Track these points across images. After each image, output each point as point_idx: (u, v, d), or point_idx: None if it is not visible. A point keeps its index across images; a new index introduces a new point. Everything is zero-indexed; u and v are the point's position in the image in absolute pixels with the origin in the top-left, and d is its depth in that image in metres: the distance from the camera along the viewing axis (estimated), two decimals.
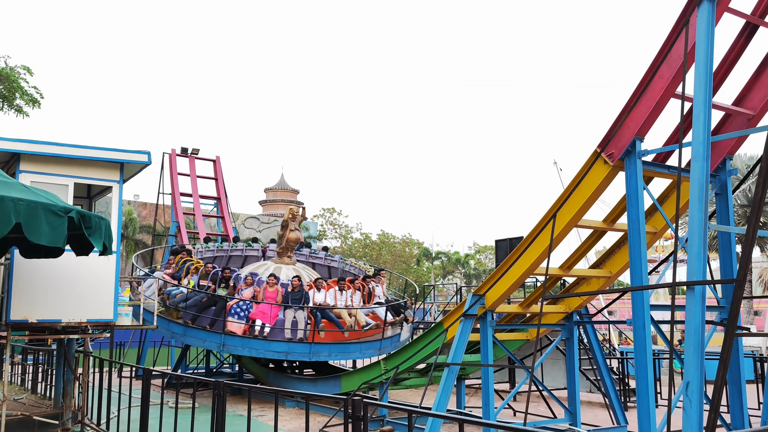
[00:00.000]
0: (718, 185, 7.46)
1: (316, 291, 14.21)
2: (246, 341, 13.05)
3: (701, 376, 5.46)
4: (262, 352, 13.10)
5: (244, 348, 13.12)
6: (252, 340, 13.03)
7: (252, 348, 13.09)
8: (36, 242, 6.35)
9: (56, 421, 9.92)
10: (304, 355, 13.12)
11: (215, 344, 13.16)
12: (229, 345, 13.09)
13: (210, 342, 13.20)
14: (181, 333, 13.43)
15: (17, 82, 18.27)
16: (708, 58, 5.99)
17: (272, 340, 13.05)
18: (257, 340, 13.05)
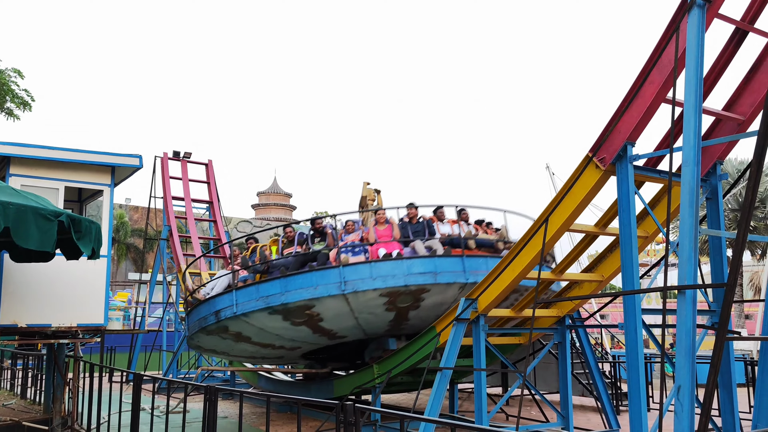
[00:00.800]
0: (709, 190, 7.50)
1: (440, 223, 11.08)
2: (376, 267, 9.84)
3: (692, 380, 5.47)
4: (404, 277, 9.77)
5: (375, 278, 9.77)
6: (383, 263, 9.88)
7: (388, 274, 9.75)
8: (24, 247, 6.30)
9: (46, 427, 9.83)
10: (458, 274, 9.96)
11: (334, 284, 9.83)
12: (353, 279, 9.77)
13: (325, 283, 9.87)
14: (279, 290, 10.14)
15: (8, 84, 18.16)
16: (698, 63, 6.03)
17: (411, 258, 9.98)
18: (392, 262, 9.87)
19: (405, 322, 10.82)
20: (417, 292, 9.94)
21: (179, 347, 18.12)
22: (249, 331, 11.08)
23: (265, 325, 10.71)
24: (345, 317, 10.36)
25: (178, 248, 19.18)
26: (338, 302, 9.94)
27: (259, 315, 10.40)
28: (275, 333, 11.02)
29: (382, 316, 10.51)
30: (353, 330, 11.00)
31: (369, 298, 9.91)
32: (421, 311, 10.39)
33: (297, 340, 11.44)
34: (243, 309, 10.48)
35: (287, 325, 10.60)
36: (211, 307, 11.29)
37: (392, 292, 9.83)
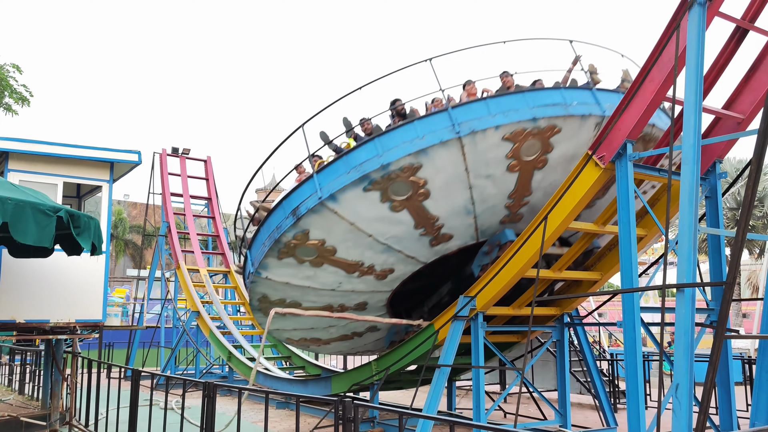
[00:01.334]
0: (708, 188, 7.51)
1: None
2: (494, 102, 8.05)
3: (691, 378, 5.48)
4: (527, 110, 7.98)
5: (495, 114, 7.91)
6: (502, 97, 8.18)
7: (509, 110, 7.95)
8: (22, 242, 6.29)
9: (44, 422, 9.83)
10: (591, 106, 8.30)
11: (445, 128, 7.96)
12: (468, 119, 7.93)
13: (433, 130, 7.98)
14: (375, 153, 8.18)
15: (6, 80, 18.12)
16: (699, 61, 6.02)
17: (536, 89, 8.36)
18: (511, 95, 8.18)
19: (527, 193, 8.67)
20: (546, 134, 7.99)
21: (177, 343, 18.11)
22: (336, 234, 8.70)
23: (357, 214, 8.44)
24: (457, 188, 8.27)
25: (176, 244, 19.17)
26: (451, 155, 7.91)
27: (352, 195, 8.16)
28: (368, 232, 8.67)
29: (501, 184, 8.38)
30: (464, 219, 8.78)
31: (489, 145, 7.94)
32: (548, 173, 8.32)
33: (392, 250, 9.05)
34: (330, 189, 8.23)
35: (385, 210, 8.39)
36: (285, 208, 8.90)
37: (517, 133, 7.87)
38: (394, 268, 9.52)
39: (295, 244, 8.90)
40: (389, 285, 9.99)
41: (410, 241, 8.99)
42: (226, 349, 15.89)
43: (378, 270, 9.44)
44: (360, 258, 9.14)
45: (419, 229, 8.80)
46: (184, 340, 18.01)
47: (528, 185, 8.57)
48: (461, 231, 9.05)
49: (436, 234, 8.96)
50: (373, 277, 9.68)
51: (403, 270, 9.62)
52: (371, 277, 9.67)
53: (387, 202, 8.32)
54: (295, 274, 9.51)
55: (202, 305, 17.52)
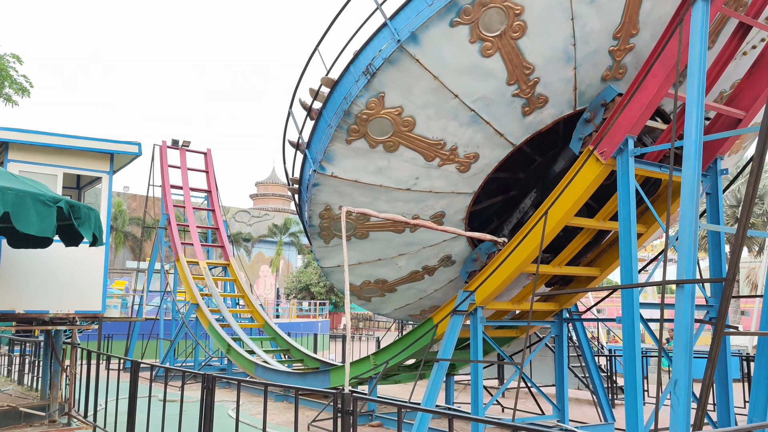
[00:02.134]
0: (709, 185, 7.51)
1: None
2: None
3: (689, 374, 5.49)
4: None
5: None
6: None
7: None
8: (24, 232, 6.28)
9: (43, 413, 9.84)
10: None
11: None
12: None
13: None
14: None
15: (6, 70, 18.08)
16: (702, 57, 6.01)
17: None
18: None
19: (632, 37, 7.43)
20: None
21: (176, 336, 18.13)
22: (416, 95, 7.54)
23: (443, 62, 7.26)
24: (557, 18, 7.10)
25: (176, 237, 19.17)
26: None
27: (436, 32, 6.99)
28: (455, 91, 7.50)
29: (607, 15, 7.19)
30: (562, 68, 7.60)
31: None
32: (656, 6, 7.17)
33: (480, 121, 7.89)
34: (411, 27, 7.02)
35: (475, 55, 7.20)
36: (355, 69, 7.72)
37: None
38: (478, 153, 8.28)
39: (368, 115, 7.63)
40: (471, 184, 8.75)
41: (501, 107, 7.77)
42: (225, 341, 15.91)
43: (461, 155, 8.23)
44: (442, 135, 7.96)
45: (512, 85, 7.56)
46: (183, 332, 18.03)
47: (636, 18, 7.21)
48: (558, 91, 7.81)
49: (530, 94, 7.73)
50: (455, 168, 8.39)
51: (489, 156, 8.38)
52: (453, 168, 8.38)
53: (477, 42, 7.06)
54: (366, 166, 8.19)
55: (202, 298, 17.54)
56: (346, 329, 6.82)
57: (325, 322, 33.93)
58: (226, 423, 9.83)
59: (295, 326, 28.36)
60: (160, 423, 7.10)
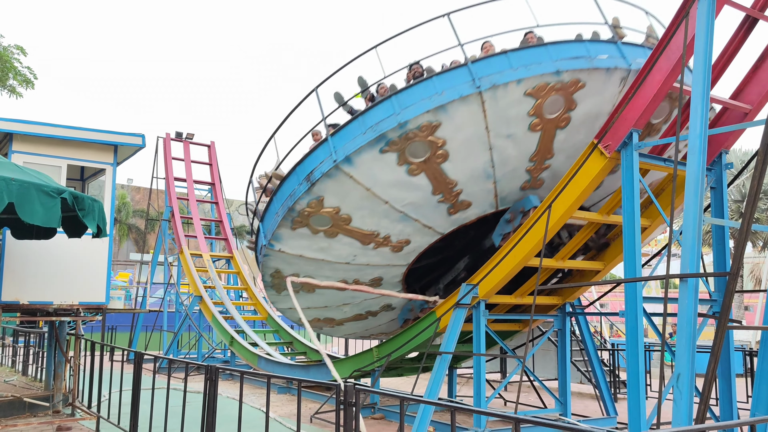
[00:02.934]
0: (714, 179, 7.47)
1: None
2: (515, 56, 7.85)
3: (692, 369, 5.49)
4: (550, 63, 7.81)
5: (516, 67, 7.69)
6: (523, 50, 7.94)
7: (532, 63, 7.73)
8: (29, 222, 6.30)
9: (47, 403, 9.91)
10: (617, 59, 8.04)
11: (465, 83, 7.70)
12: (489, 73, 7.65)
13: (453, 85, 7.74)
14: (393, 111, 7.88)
15: (10, 62, 18.07)
16: (707, 50, 5.98)
17: (558, 42, 8.08)
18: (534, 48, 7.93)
19: (548, 159, 8.45)
20: (570, 89, 7.77)
21: (180, 327, 18.20)
22: (351, 200, 8.48)
23: (374, 179, 8.20)
24: (476, 149, 8.04)
25: (179, 229, 19.21)
26: (471, 111, 7.69)
27: (368, 157, 7.93)
28: (384, 198, 8.44)
29: (523, 145, 8.14)
30: (482, 183, 8.57)
31: (511, 101, 7.72)
32: (569, 136, 8.15)
33: (409, 219, 8.82)
34: (346, 151, 7.97)
35: (402, 174, 8.17)
36: (299, 174, 8.67)
37: (539, 88, 7.68)
38: (410, 239, 9.19)
39: (309, 212, 8.61)
40: (405, 258, 9.68)
41: (427, 209, 8.65)
42: (228, 333, 15.96)
43: (394, 241, 9.14)
44: (375, 228, 8.85)
45: (437, 195, 8.50)
46: (186, 324, 18.09)
47: (550, 146, 8.20)
48: (480, 198, 8.72)
49: (454, 201, 8.65)
50: (388, 249, 9.31)
51: (419, 241, 9.27)
52: (387, 249, 9.30)
53: (404, 165, 8.04)
54: (309, 245, 9.20)
55: (205, 290, 17.59)
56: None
57: None
58: (229, 414, 9.87)
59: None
60: (164, 414, 7.14)
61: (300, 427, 5.31)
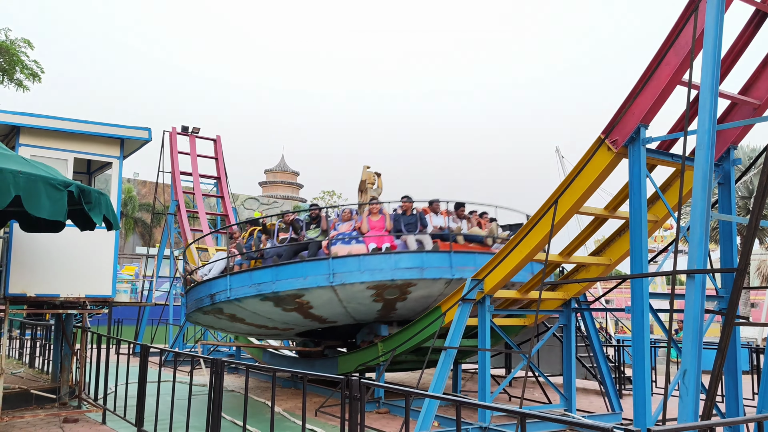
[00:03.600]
0: (721, 175, 7.42)
1: (434, 215, 11.11)
2: (364, 261, 9.91)
3: (698, 365, 5.46)
4: (390, 271, 9.82)
5: (363, 271, 9.82)
6: (371, 257, 9.97)
7: (375, 268, 9.81)
8: (36, 215, 6.32)
9: (54, 396, 9.97)
10: (444, 270, 9.94)
11: (323, 276, 9.92)
12: (342, 272, 9.89)
13: (315, 274, 9.98)
14: (270, 279, 10.30)
15: (17, 55, 18.12)
16: (716, 45, 5.92)
17: (400, 252, 10.04)
18: (380, 256, 9.94)
19: (393, 311, 11.05)
20: (404, 286, 10.06)
21: (185, 321, 18.25)
22: (242, 314, 11.47)
23: (257, 309, 11.07)
24: (334, 306, 10.63)
25: (185, 223, 19.25)
26: (327, 293, 10.17)
27: (252, 301, 10.75)
28: (267, 316, 11.38)
29: (370, 306, 10.74)
30: (343, 317, 11.30)
31: (357, 290, 10.10)
32: (408, 303, 10.67)
33: (289, 323, 11.83)
34: (236, 294, 10.82)
35: (279, 311, 11.01)
36: (207, 289, 11.64)
37: (379, 285, 9.97)
38: (293, 328, 12.39)
39: (213, 311, 11.81)
40: (293, 332, 13.09)
41: (303, 322, 11.72)
42: None
43: (281, 328, 12.31)
44: (264, 323, 11.91)
45: (308, 319, 11.37)
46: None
47: (393, 307, 10.83)
48: (344, 320, 11.57)
49: (323, 321, 11.59)
50: (277, 330, 12.66)
51: (301, 329, 12.53)
52: (276, 330, 12.68)
53: (279, 307, 10.82)
54: (216, 322, 12.69)
55: None
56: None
57: None
58: (234, 407, 9.90)
59: None
60: (169, 407, 7.17)
61: (305, 420, 5.32)
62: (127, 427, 8.35)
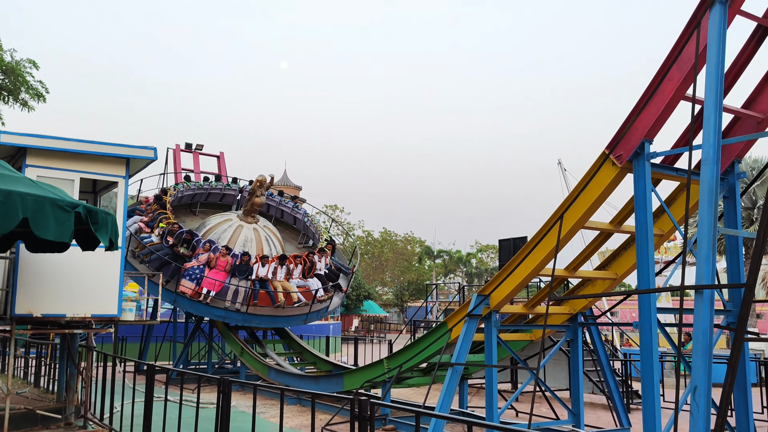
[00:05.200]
0: (726, 188, 7.44)
1: (260, 266, 16.06)
2: (193, 303, 15.51)
3: (709, 380, 5.44)
4: (205, 312, 15.70)
5: (191, 308, 15.72)
6: (198, 303, 15.47)
7: (198, 309, 15.66)
8: (42, 237, 6.34)
9: (59, 415, 9.92)
10: (239, 320, 15.72)
11: (169, 300, 15.70)
12: (179, 302, 15.58)
13: (165, 296, 15.39)
14: (142, 285, 15.24)
15: (23, 75, 18.25)
16: (719, 60, 5.96)
17: (213, 306, 15.44)
18: (201, 304, 15.47)
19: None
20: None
21: (190, 338, 18.21)
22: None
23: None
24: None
25: None
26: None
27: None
28: None
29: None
30: None
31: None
32: None
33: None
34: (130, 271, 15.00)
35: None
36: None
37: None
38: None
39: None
40: None
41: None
42: (238, 344, 15.96)
43: None
44: None
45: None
46: (197, 334, 18.11)
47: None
48: None
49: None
50: None
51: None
52: None
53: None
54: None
55: None
56: None
57: (336, 325, 33.97)
58: (240, 426, 9.85)
59: (307, 329, 28.37)
60: (176, 426, 7.14)
61: None
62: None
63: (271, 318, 15.98)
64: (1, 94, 18.23)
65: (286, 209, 21.21)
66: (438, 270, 59.43)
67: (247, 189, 19.64)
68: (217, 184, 20.71)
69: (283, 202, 21.34)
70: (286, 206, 21.23)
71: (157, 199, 18.05)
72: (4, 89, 18.11)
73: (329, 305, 17.25)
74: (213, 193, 20.58)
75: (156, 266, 15.39)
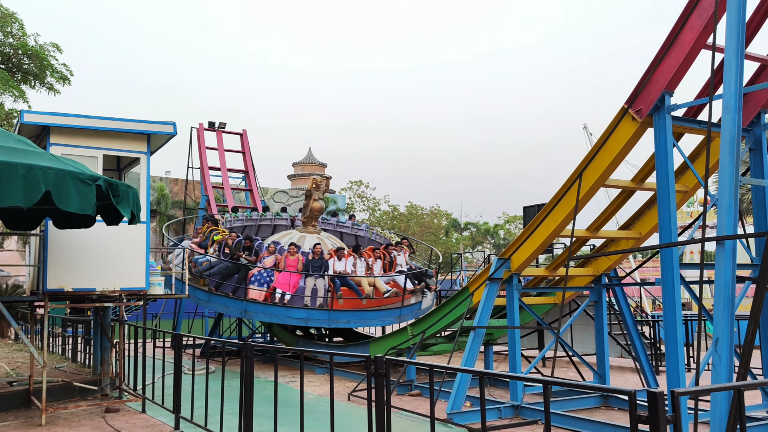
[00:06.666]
0: (752, 140, 7.22)
1: (336, 260, 14.34)
2: (267, 308, 13.47)
3: (731, 332, 5.35)
4: (282, 318, 13.47)
5: (265, 314, 13.60)
6: (272, 306, 13.42)
7: (273, 314, 13.48)
8: (65, 209, 6.48)
9: (95, 387, 10.26)
10: (323, 321, 13.52)
11: (237, 310, 13.66)
12: (251, 311, 13.59)
13: (233, 308, 13.67)
14: (205, 299, 13.87)
15: (47, 59, 18.53)
16: (741, 5, 5.74)
17: (292, 307, 13.36)
18: (277, 307, 13.38)
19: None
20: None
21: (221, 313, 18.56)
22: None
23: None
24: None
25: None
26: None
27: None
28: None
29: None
30: None
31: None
32: None
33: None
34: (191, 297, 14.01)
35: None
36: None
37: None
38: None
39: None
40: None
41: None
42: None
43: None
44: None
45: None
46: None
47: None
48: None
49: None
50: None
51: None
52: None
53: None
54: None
55: None
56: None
57: None
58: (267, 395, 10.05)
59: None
60: (204, 395, 7.33)
61: (333, 402, 5.38)
62: (166, 414, 8.56)
63: (360, 314, 13.74)
64: (28, 79, 18.56)
65: (346, 230, 19.55)
66: (465, 242, 59.26)
67: (299, 218, 17.78)
68: (265, 214, 19.40)
69: (339, 222, 20.02)
70: (344, 226, 19.70)
71: (208, 219, 16.61)
72: (30, 74, 18.43)
73: (422, 302, 14.94)
74: (263, 225, 19.05)
75: (216, 283, 13.85)
